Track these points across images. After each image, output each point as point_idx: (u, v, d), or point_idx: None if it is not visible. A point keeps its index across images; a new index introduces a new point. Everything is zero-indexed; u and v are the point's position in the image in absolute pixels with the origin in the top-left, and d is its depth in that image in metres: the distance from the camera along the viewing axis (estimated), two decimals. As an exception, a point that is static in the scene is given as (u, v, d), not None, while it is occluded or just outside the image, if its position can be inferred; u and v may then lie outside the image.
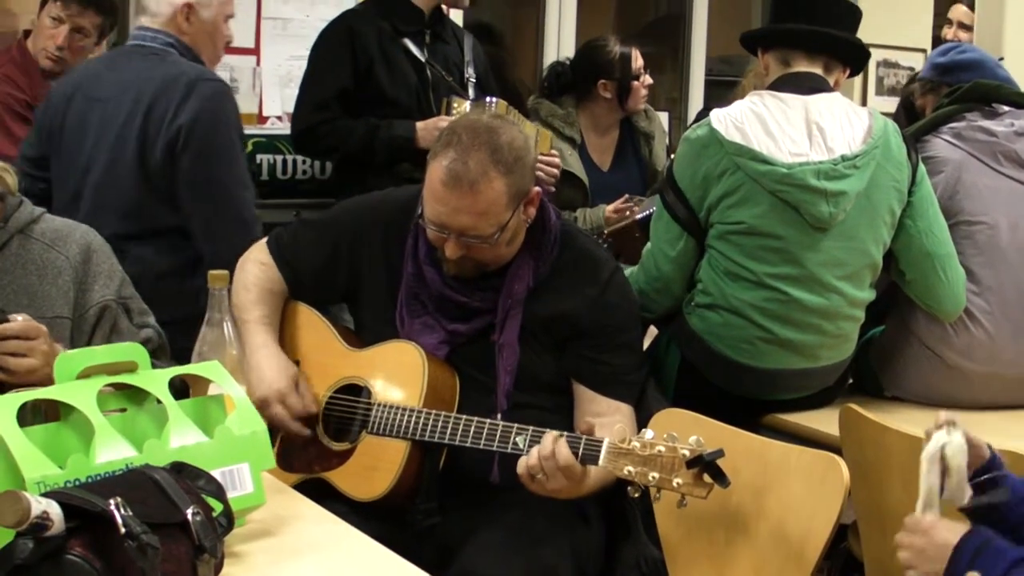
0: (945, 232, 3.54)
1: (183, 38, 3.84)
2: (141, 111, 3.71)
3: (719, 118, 3.44)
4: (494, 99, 4.53)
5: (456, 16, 5.23)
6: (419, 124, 4.41)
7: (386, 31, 4.52)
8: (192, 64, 3.85)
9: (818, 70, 3.54)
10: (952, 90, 3.81)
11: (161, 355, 2.98)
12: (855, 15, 3.65)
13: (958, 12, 5.81)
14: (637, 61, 5.17)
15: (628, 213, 4.45)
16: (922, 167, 3.53)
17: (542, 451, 2.62)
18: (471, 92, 4.66)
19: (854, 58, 3.64)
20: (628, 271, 3.50)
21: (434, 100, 4.54)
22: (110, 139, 3.76)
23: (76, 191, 3.81)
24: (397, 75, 4.50)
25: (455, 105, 4.45)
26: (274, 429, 2.86)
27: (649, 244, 3.58)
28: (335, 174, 4.86)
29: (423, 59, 4.57)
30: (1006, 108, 3.76)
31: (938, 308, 3.56)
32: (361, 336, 3.17)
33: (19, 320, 2.61)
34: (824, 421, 3.38)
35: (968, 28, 5.74)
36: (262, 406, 2.91)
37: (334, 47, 4.45)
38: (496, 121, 2.98)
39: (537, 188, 3.01)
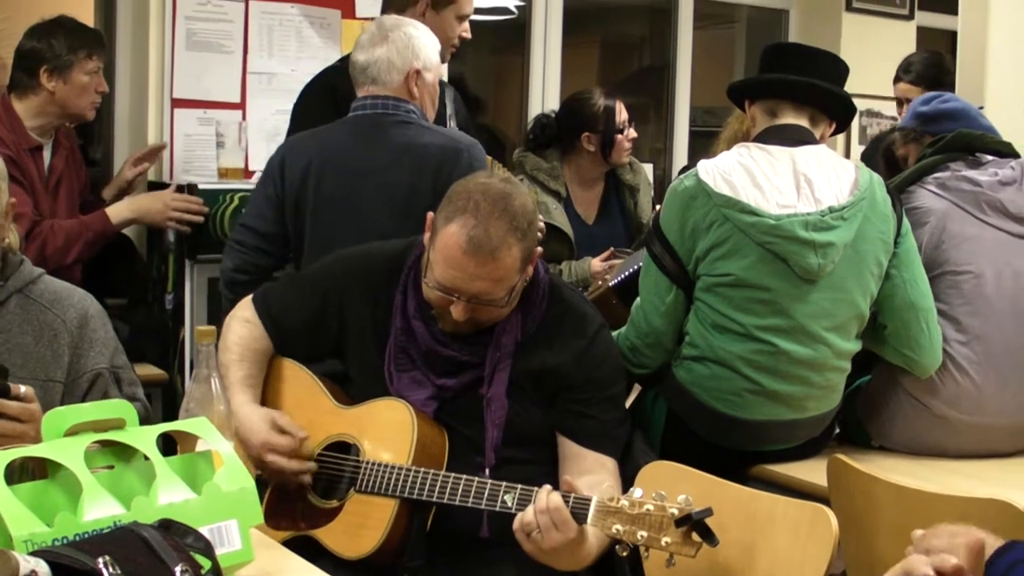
0: (928, 286, 3.55)
1: (413, 102, 3.96)
2: (429, 174, 3.81)
3: (706, 169, 3.44)
4: None
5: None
6: None
7: None
8: (455, 130, 4.16)
9: (804, 122, 3.55)
10: (935, 140, 3.82)
11: (147, 427, 2.97)
12: (843, 71, 3.66)
13: (903, 90, 5.83)
14: (621, 114, 5.16)
15: (600, 283, 4.42)
16: (906, 220, 3.54)
17: (538, 505, 2.61)
18: None
19: (840, 112, 3.64)
20: (615, 333, 3.50)
21: None
22: (398, 202, 3.82)
23: None
24: None
25: None
26: (262, 485, 2.85)
27: (638, 300, 3.58)
28: None
29: None
30: (989, 157, 3.77)
31: (917, 361, 3.55)
32: (349, 390, 3.17)
33: (22, 393, 2.59)
34: (812, 472, 3.37)
35: None
36: (258, 465, 2.99)
37: (317, 105, 4.40)
38: (506, 185, 2.98)
39: (539, 248, 3.02)
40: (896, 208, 3.51)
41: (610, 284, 4.25)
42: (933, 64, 5.89)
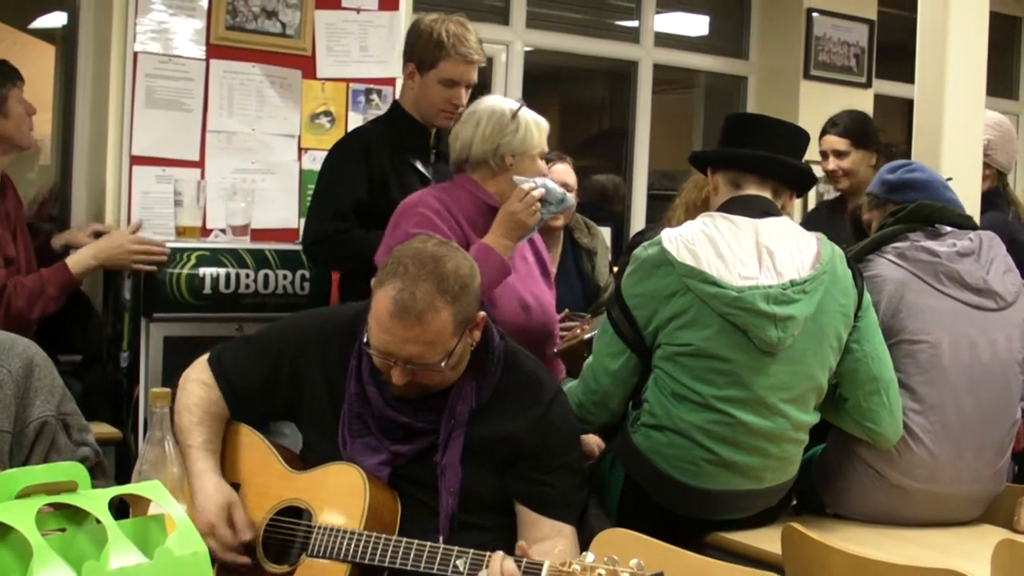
0: (889, 357, 3.57)
1: None
2: None
3: (670, 239, 3.45)
4: None
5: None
6: None
7: (397, 148, 4.55)
8: None
9: (767, 193, 3.57)
10: (896, 209, 3.85)
11: (99, 473, 2.94)
12: (804, 142, 3.71)
13: (830, 142, 5.81)
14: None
15: (579, 331, 4.42)
16: (867, 294, 3.56)
17: (491, 571, 2.60)
18: None
19: (803, 183, 3.70)
20: (569, 384, 3.50)
21: None
22: None
23: None
24: (408, 191, 4.40)
25: None
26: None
27: (591, 357, 3.59)
28: (340, 289, 4.85)
29: (430, 176, 4.57)
30: (949, 229, 3.80)
31: (880, 433, 3.54)
32: (304, 455, 3.15)
33: None
34: (767, 540, 3.36)
35: (843, 154, 5.73)
36: None
37: (350, 161, 4.50)
38: (441, 248, 2.99)
39: (482, 313, 3.02)
40: (857, 282, 3.53)
41: (584, 338, 4.25)
42: (859, 119, 5.91)
